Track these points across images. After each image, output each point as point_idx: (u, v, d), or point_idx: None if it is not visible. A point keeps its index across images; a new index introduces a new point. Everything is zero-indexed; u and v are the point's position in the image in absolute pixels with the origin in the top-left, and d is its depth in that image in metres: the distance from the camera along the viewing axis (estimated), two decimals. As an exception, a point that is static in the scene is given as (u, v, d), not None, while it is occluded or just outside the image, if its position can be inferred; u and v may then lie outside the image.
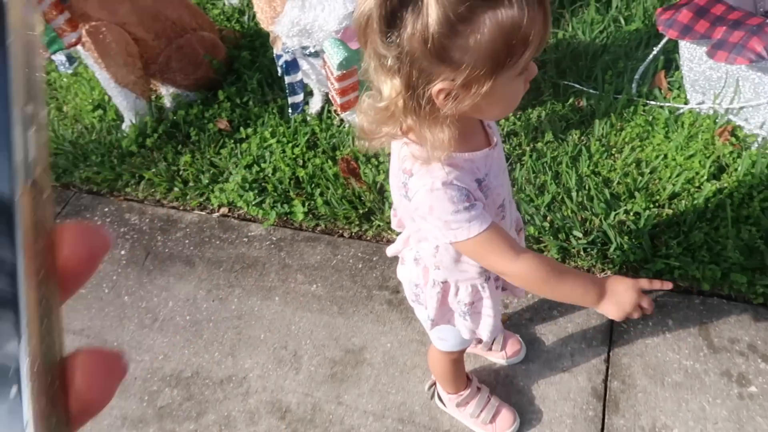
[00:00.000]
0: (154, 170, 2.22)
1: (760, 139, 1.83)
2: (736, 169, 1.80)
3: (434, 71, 0.74)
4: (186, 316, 1.85)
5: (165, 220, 2.15)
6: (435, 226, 0.89)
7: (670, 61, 2.11)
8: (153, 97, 2.46)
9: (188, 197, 2.18)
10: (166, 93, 2.43)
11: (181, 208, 2.19)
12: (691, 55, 1.87)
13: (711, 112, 1.91)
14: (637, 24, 2.27)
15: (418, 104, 0.77)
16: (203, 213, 2.16)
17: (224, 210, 2.15)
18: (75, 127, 2.49)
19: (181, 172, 2.22)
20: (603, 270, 1.75)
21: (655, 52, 2.03)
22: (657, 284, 0.93)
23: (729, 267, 1.63)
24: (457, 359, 1.38)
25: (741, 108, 1.84)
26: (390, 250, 1.23)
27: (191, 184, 2.18)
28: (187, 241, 2.07)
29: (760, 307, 1.61)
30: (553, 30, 2.35)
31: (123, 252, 2.07)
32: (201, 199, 2.17)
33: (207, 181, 2.15)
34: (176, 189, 2.18)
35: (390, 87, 0.77)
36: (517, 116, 2.10)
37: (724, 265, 1.63)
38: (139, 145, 2.31)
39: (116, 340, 1.82)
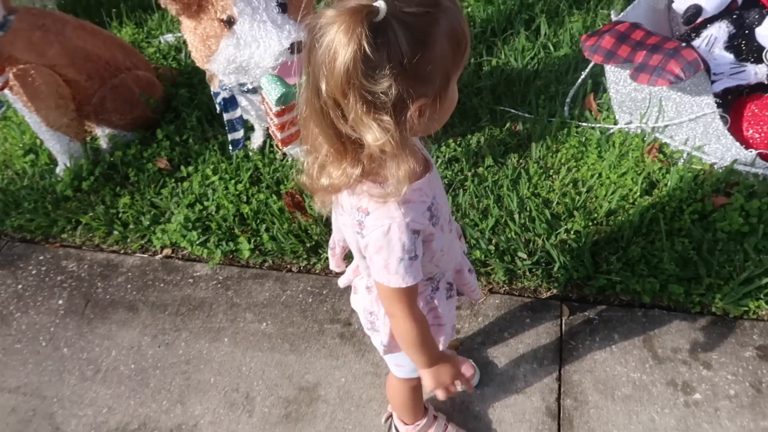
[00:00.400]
0: (91, 214, 2.15)
1: (685, 155, 1.92)
2: (666, 184, 1.88)
3: (414, 92, 0.76)
4: (131, 365, 1.77)
5: (105, 265, 2.08)
6: (374, 263, 0.91)
7: (597, 84, 2.21)
8: (88, 138, 2.39)
9: (129, 240, 2.12)
10: (102, 134, 2.36)
11: (122, 251, 2.12)
12: (617, 78, 1.96)
13: (639, 131, 2.01)
14: (565, 50, 2.37)
15: (402, 134, 0.79)
16: (145, 255, 2.09)
17: (167, 251, 2.09)
18: (5, 173, 2.38)
19: (120, 215, 2.15)
20: (549, 289, 1.78)
21: (583, 76, 2.12)
22: (468, 387, 1.14)
23: (666, 279, 1.69)
24: (416, 386, 1.37)
25: (666, 126, 1.94)
26: (341, 281, 1.23)
27: (131, 226, 2.12)
28: (129, 286, 2.00)
29: (697, 315, 1.68)
30: (487, 57, 2.43)
31: (60, 302, 1.98)
32: (142, 242, 2.11)
33: (148, 223, 2.09)
34: (116, 232, 2.11)
35: (377, 129, 0.76)
36: (458, 143, 2.15)
37: (662, 277, 1.69)
38: (74, 189, 2.23)
39: (56, 395, 1.72)
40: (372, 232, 0.88)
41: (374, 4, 0.70)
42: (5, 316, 1.96)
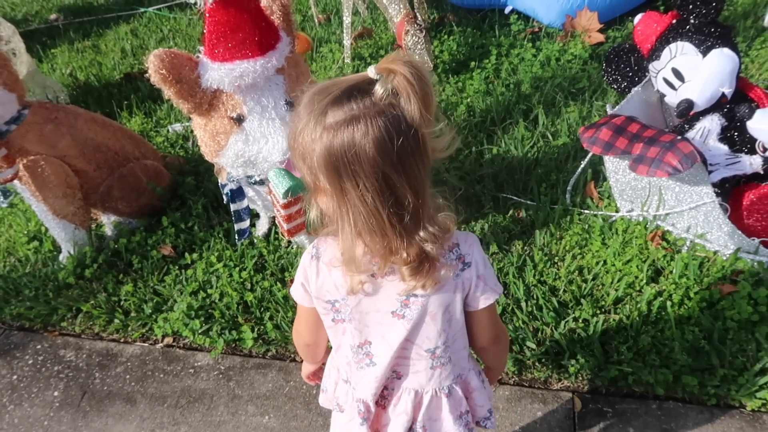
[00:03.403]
0: (92, 302, 2.13)
1: (688, 242, 1.94)
2: (671, 272, 1.88)
3: None
4: (126, 464, 1.70)
5: (104, 354, 2.04)
6: (488, 279, 0.98)
7: (597, 172, 2.26)
8: (93, 226, 2.40)
9: (130, 329, 2.09)
10: (107, 221, 2.38)
11: (122, 340, 2.09)
12: (616, 167, 2.01)
13: (641, 218, 2.03)
14: (563, 139, 2.44)
15: None
16: (146, 344, 2.06)
17: (168, 340, 2.05)
18: (8, 260, 2.38)
19: (122, 303, 2.13)
20: (560, 380, 1.74)
21: (583, 165, 2.17)
22: None
23: (679, 369, 1.66)
24: None
25: (667, 214, 1.96)
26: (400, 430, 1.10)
27: (133, 314, 2.09)
28: (128, 377, 1.95)
29: (714, 408, 1.63)
30: (488, 146, 2.49)
31: (56, 393, 1.92)
32: (143, 330, 2.08)
33: (150, 311, 2.07)
34: (117, 320, 2.08)
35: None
36: (462, 229, 2.16)
37: (675, 367, 1.66)
38: (77, 276, 2.22)
39: (45, 498, 1.64)
40: (474, 250, 0.96)
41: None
42: (-3, 410, 1.90)
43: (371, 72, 0.81)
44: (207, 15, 1.55)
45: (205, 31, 1.58)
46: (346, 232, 0.87)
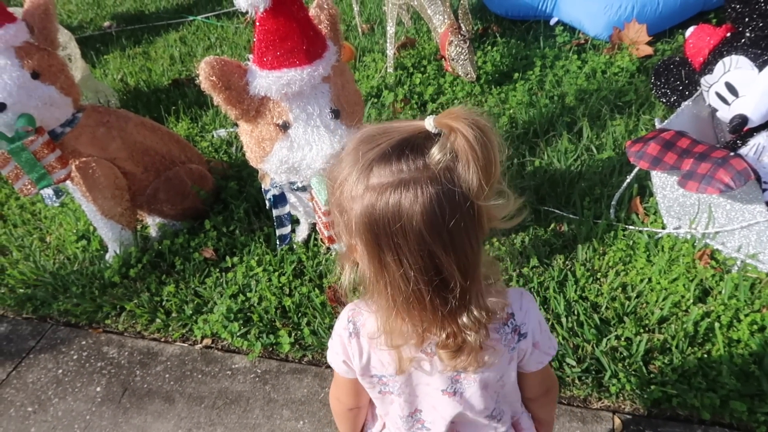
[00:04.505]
0: (136, 301, 2.18)
1: (739, 262, 1.87)
2: (720, 292, 1.82)
3: None
4: (163, 462, 1.73)
5: (145, 352, 2.08)
6: (542, 342, 0.92)
7: (643, 187, 2.20)
8: (139, 227, 2.46)
9: (170, 329, 2.13)
10: (152, 223, 2.44)
11: (163, 339, 2.13)
12: (663, 183, 1.96)
13: (688, 236, 1.97)
14: (608, 153, 2.39)
15: None
16: (185, 345, 2.09)
17: (207, 341, 2.09)
18: (57, 257, 2.46)
19: (164, 303, 2.18)
20: (600, 399, 1.70)
21: (628, 180, 2.11)
22: None
23: (727, 394, 1.60)
24: None
25: (717, 233, 1.90)
26: None
27: (174, 314, 2.14)
28: (167, 375, 1.99)
29: (763, 436, 1.57)
30: (530, 158, 2.46)
31: (98, 389, 1.97)
32: (183, 331, 2.12)
33: (190, 312, 2.11)
34: (158, 320, 2.13)
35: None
36: (502, 242, 2.14)
37: (722, 391, 1.60)
38: (122, 275, 2.28)
39: (86, 491, 1.68)
40: (530, 317, 0.90)
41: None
42: (43, 401, 1.95)
43: (429, 124, 0.72)
44: (257, 23, 1.58)
45: (254, 39, 1.62)
46: (383, 306, 0.81)
